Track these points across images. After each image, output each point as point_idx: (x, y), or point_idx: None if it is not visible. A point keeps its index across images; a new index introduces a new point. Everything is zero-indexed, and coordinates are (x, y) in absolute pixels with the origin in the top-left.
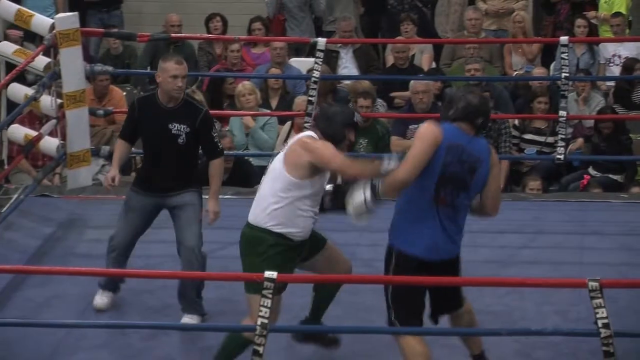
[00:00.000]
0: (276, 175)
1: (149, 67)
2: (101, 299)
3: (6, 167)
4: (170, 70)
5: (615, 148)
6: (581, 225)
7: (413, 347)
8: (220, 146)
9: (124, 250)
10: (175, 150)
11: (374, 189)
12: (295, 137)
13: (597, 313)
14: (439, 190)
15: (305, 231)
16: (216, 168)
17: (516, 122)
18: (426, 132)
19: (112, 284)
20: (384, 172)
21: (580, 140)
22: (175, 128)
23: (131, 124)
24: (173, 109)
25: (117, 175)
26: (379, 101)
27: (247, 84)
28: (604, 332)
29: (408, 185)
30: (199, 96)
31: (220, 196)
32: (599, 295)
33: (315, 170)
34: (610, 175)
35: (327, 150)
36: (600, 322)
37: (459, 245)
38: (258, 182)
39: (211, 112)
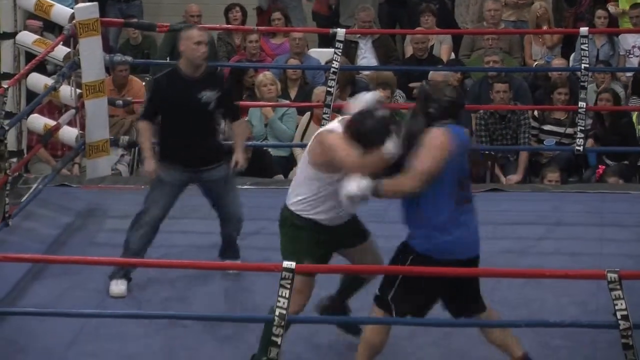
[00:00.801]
0: (303, 163)
1: (168, 58)
2: (117, 286)
3: (25, 156)
4: (194, 37)
5: (618, 133)
6: (600, 216)
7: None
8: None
9: (156, 225)
10: (207, 120)
11: (376, 188)
12: (318, 130)
13: (616, 305)
14: (464, 191)
15: (330, 217)
16: (243, 127)
17: (535, 113)
18: (440, 143)
19: (123, 271)
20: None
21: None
22: (206, 96)
23: (154, 103)
24: (200, 78)
25: (155, 163)
26: (398, 92)
27: (268, 74)
28: (623, 324)
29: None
30: None
31: (239, 186)
32: (618, 286)
33: (332, 166)
34: (625, 162)
35: (341, 151)
36: (619, 314)
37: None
38: (276, 172)
39: None
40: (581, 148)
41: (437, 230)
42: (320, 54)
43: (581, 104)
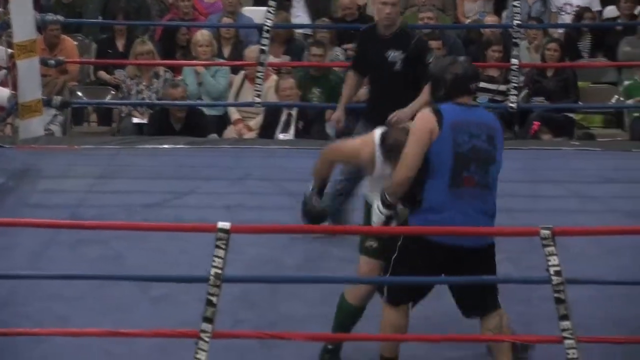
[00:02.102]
0: None
1: (100, 17)
2: None
3: None
4: None
5: (562, 86)
6: (534, 172)
7: (388, 315)
8: None
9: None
10: (394, 79)
11: (383, 197)
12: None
13: (549, 261)
14: (460, 171)
15: None
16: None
17: None
18: (417, 125)
19: None
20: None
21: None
22: (391, 56)
23: (357, 55)
24: (389, 38)
25: (339, 114)
26: (338, 49)
27: (205, 33)
28: (555, 280)
29: (409, 182)
30: (148, 46)
31: (173, 146)
32: (551, 243)
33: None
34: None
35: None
36: (552, 270)
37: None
38: (211, 132)
39: (164, 62)
40: (515, 105)
41: (429, 212)
42: (254, 13)
43: (514, 60)
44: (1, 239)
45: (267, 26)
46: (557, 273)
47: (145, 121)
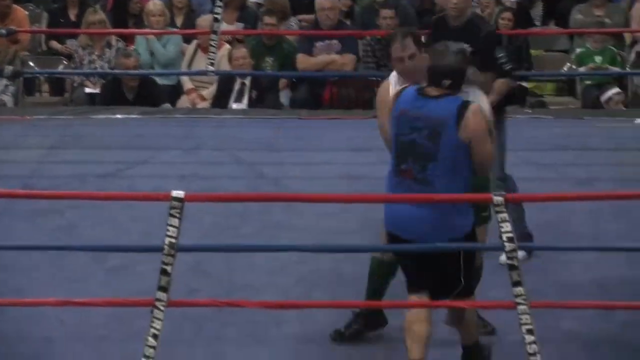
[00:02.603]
0: None
1: None
2: None
3: None
4: None
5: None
6: None
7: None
8: (507, 67)
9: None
10: None
11: None
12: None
13: (502, 227)
14: (399, 162)
15: None
16: (497, 86)
17: (423, 38)
18: (381, 95)
19: None
20: None
21: None
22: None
23: (428, 45)
24: (457, 28)
25: None
26: (294, 19)
27: (157, 3)
28: (508, 246)
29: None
30: (100, 15)
31: (126, 116)
32: (504, 209)
33: None
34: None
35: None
36: (504, 236)
37: (446, 228)
38: (163, 101)
39: (116, 30)
40: None
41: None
42: None
43: None
44: None
45: None
46: (510, 240)
47: (97, 91)
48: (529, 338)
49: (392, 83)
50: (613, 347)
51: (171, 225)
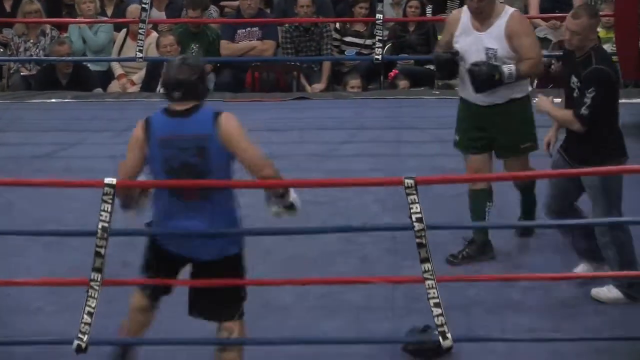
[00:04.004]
0: None
1: None
2: None
3: None
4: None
5: (422, 38)
6: (398, 120)
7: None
8: (582, 112)
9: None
10: (573, 106)
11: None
12: None
13: (412, 208)
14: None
15: (473, 96)
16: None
17: (337, 25)
18: (134, 132)
19: None
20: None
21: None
22: (572, 81)
23: (561, 74)
24: (577, 61)
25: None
26: (213, 7)
27: None
28: (417, 226)
29: (130, 186)
30: (36, 5)
31: (61, 100)
32: (414, 191)
33: None
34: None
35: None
36: (414, 217)
37: (229, 243)
38: (95, 86)
39: (50, 20)
40: (380, 57)
41: (160, 221)
42: None
43: (378, 16)
44: None
45: None
46: (419, 220)
47: (33, 73)
48: (436, 311)
49: (464, 11)
50: (516, 310)
51: (104, 211)
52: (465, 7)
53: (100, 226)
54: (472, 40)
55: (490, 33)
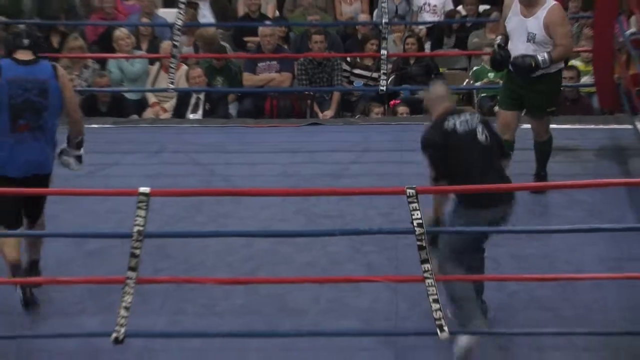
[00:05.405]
0: None
1: (36, 17)
2: None
3: None
4: None
5: (422, 69)
6: (400, 143)
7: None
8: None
9: None
10: None
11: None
12: None
13: (413, 215)
14: (16, 120)
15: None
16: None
17: (348, 59)
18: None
19: None
20: None
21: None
22: None
23: None
24: None
25: None
26: (227, 46)
27: (123, 30)
28: (418, 230)
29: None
30: (80, 42)
31: (101, 125)
32: (415, 200)
33: None
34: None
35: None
36: (415, 222)
37: (50, 162)
38: (131, 113)
39: (91, 55)
40: (384, 88)
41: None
42: (167, 14)
43: (383, 52)
44: None
45: (178, 25)
46: (420, 225)
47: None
48: (435, 306)
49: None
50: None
51: (139, 216)
52: None
53: (135, 230)
54: (518, 23)
55: (532, 20)
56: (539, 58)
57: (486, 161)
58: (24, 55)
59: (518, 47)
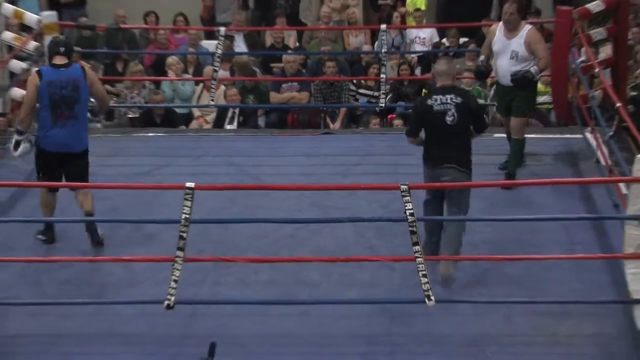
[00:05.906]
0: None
1: (105, 47)
2: None
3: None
4: None
5: (415, 89)
6: (396, 148)
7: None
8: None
9: None
10: None
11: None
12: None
13: (406, 206)
14: (55, 110)
15: (502, 82)
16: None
17: (354, 81)
18: (28, 82)
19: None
20: None
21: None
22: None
23: None
24: None
25: None
26: (257, 70)
27: (174, 57)
28: (410, 219)
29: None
30: (139, 67)
31: (155, 134)
32: (408, 194)
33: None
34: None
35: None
36: (407, 212)
37: (85, 142)
38: (180, 124)
39: (149, 77)
40: (383, 105)
41: (42, 130)
42: (209, 45)
43: (382, 75)
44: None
45: (218, 54)
46: (412, 214)
47: (137, 116)
48: (424, 280)
49: (499, 26)
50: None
51: (186, 206)
52: (500, 23)
53: (183, 217)
54: (504, 44)
55: (515, 40)
56: (532, 71)
57: (447, 137)
58: (60, 59)
59: (503, 64)
